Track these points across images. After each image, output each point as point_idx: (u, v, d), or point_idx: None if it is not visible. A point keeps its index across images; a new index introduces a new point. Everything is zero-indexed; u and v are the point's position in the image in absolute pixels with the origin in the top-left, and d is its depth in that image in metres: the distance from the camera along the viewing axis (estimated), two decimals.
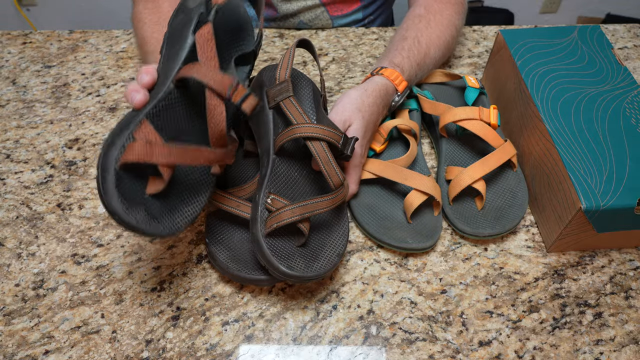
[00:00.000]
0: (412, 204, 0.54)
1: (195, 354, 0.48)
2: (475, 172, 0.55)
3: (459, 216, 0.56)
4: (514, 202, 0.57)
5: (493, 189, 0.58)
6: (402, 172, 0.56)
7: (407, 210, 0.55)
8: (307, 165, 0.53)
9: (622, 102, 0.56)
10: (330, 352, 0.48)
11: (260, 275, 0.50)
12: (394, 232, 0.54)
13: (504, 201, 0.57)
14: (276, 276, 0.47)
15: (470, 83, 0.65)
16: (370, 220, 0.56)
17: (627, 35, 0.80)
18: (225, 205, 0.52)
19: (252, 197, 0.53)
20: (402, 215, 0.56)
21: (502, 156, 0.56)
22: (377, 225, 0.55)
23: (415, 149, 0.59)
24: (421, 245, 0.53)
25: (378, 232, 0.55)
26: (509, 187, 0.58)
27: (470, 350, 0.48)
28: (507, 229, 0.54)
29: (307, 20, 0.82)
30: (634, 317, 0.50)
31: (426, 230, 0.55)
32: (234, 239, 0.53)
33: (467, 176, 0.55)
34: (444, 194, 0.58)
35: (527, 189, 0.58)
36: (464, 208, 0.57)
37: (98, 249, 0.56)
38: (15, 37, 0.82)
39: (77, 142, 0.66)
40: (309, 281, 0.47)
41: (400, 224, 0.55)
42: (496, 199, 0.57)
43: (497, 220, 0.55)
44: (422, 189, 0.54)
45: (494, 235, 0.54)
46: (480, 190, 0.55)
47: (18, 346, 0.49)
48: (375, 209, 0.57)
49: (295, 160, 0.53)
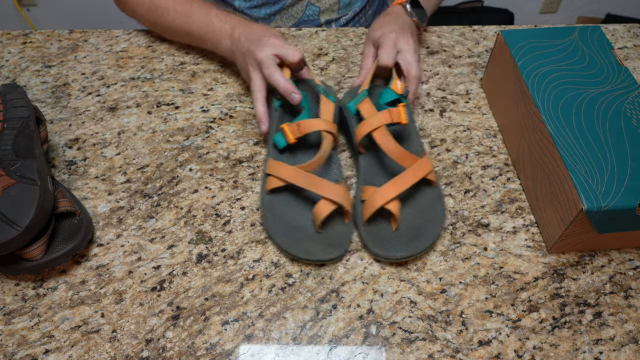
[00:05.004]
0: (321, 214, 0.53)
1: (195, 354, 0.48)
2: (387, 193, 0.53)
3: (373, 238, 0.54)
4: (430, 220, 0.55)
5: (410, 207, 0.56)
6: (311, 179, 0.53)
7: (316, 220, 0.53)
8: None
9: (623, 103, 0.56)
10: (330, 352, 0.48)
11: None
12: (303, 244, 0.53)
13: (420, 220, 0.55)
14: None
15: (394, 86, 0.61)
16: (282, 232, 0.54)
17: (627, 35, 0.80)
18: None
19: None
20: (312, 224, 0.55)
21: (416, 174, 0.54)
22: (288, 238, 0.54)
23: (326, 152, 0.56)
24: (329, 256, 0.52)
25: (289, 245, 0.53)
26: (426, 204, 0.56)
27: (470, 350, 0.48)
28: (421, 250, 0.53)
29: (315, 0, 0.85)
30: (633, 317, 0.50)
31: (336, 240, 0.54)
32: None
33: (379, 197, 0.53)
34: (359, 213, 0.56)
35: (444, 206, 0.56)
36: (378, 229, 0.54)
37: (98, 249, 0.56)
38: (15, 37, 0.82)
39: (77, 142, 0.66)
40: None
41: (310, 234, 0.54)
42: (413, 218, 0.55)
43: (412, 240, 0.53)
44: (331, 198, 0.53)
45: (407, 257, 0.53)
46: (393, 211, 0.53)
47: (18, 345, 0.49)
48: (287, 219, 0.55)
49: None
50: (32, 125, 0.56)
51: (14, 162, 0.52)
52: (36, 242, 0.50)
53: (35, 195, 0.49)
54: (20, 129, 0.55)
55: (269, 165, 0.57)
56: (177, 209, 0.59)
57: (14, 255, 0.50)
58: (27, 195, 0.49)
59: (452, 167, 0.63)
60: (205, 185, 0.61)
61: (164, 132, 0.67)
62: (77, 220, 0.54)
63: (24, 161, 0.52)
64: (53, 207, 0.52)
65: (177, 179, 0.62)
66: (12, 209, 0.48)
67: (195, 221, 0.58)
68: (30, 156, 0.53)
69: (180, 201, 0.60)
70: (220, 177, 0.62)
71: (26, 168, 0.51)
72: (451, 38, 0.80)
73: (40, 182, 0.50)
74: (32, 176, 0.51)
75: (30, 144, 0.54)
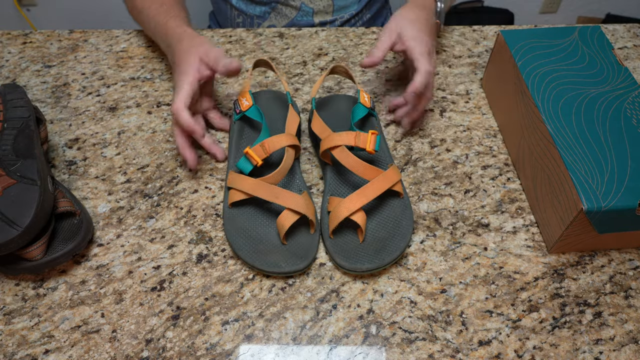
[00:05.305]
0: (284, 225, 0.52)
1: (195, 354, 0.48)
2: (352, 204, 0.52)
3: (339, 250, 0.53)
4: (397, 232, 0.54)
5: (377, 218, 0.55)
6: (273, 191, 0.53)
7: (280, 231, 0.52)
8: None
9: (623, 103, 0.56)
10: (330, 352, 0.48)
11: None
12: (267, 257, 0.52)
13: (387, 232, 0.54)
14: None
15: (362, 99, 0.60)
16: (244, 244, 0.53)
17: (627, 35, 0.80)
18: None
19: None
20: (277, 236, 0.54)
21: (382, 185, 0.53)
22: (251, 250, 0.53)
23: (288, 164, 0.55)
24: (294, 268, 0.51)
25: (251, 257, 0.52)
26: (393, 216, 0.55)
27: (470, 350, 0.48)
28: (387, 262, 0.52)
29: (308, 1, 0.84)
30: (633, 317, 0.50)
31: (301, 251, 0.53)
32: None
33: (344, 208, 0.52)
34: (326, 224, 0.55)
35: (412, 217, 0.55)
36: (344, 241, 0.54)
37: (98, 249, 0.56)
38: (15, 37, 0.82)
39: (77, 142, 0.66)
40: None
41: (275, 247, 0.53)
42: (379, 230, 0.54)
43: (378, 252, 0.52)
44: (294, 208, 0.52)
45: (373, 269, 0.52)
46: (359, 222, 0.52)
47: (18, 345, 0.49)
48: (249, 231, 0.54)
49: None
50: (32, 125, 0.56)
51: (14, 162, 0.52)
52: (36, 242, 0.50)
53: (35, 195, 0.49)
54: (20, 129, 0.55)
55: (230, 179, 0.56)
56: (177, 209, 0.59)
57: (14, 255, 0.50)
58: (27, 195, 0.49)
59: (452, 167, 0.63)
60: (205, 185, 0.61)
61: (164, 132, 0.67)
62: (77, 220, 0.54)
63: (24, 161, 0.52)
64: (53, 207, 0.52)
65: (177, 179, 0.62)
66: (12, 209, 0.48)
67: (195, 221, 0.58)
68: (30, 156, 0.53)
69: (180, 201, 0.60)
70: (220, 177, 0.62)
71: (26, 168, 0.51)
72: (451, 38, 0.80)
73: (40, 182, 0.50)
74: (32, 176, 0.51)
75: (30, 144, 0.54)
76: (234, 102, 0.64)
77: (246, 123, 0.64)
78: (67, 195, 0.56)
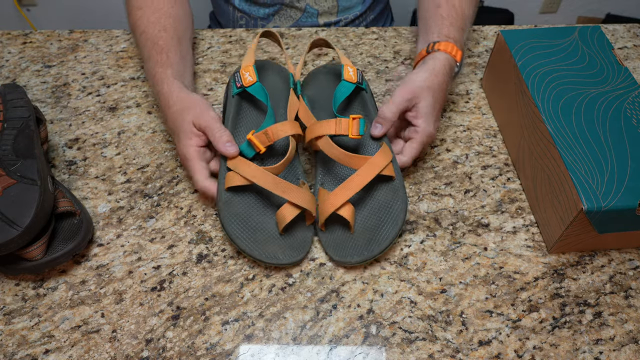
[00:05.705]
0: (285, 218, 0.52)
1: (195, 354, 0.48)
2: (336, 199, 0.51)
3: (331, 243, 0.53)
4: (388, 218, 0.52)
5: (367, 207, 0.54)
6: (279, 183, 0.51)
7: (280, 223, 0.52)
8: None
9: (623, 103, 0.56)
10: (330, 352, 0.48)
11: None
12: (264, 247, 0.52)
13: (377, 220, 0.53)
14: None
15: (347, 75, 0.56)
16: (241, 232, 0.52)
17: (627, 35, 0.80)
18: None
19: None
20: (275, 226, 0.54)
21: (367, 174, 0.51)
22: (248, 239, 0.52)
23: (292, 154, 0.54)
24: (291, 260, 0.52)
25: (248, 246, 0.52)
26: (384, 202, 0.54)
27: (470, 350, 0.48)
28: (376, 253, 0.51)
29: (313, 3, 0.84)
30: (633, 317, 0.50)
31: (297, 243, 0.53)
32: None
33: (329, 205, 0.52)
34: (318, 216, 0.54)
35: (405, 198, 0.53)
36: (336, 234, 0.53)
37: (98, 249, 0.56)
38: (15, 37, 0.82)
39: (77, 142, 0.66)
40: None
41: (272, 237, 0.53)
42: (369, 219, 0.53)
43: (368, 243, 0.51)
44: (299, 204, 0.51)
45: (363, 261, 0.51)
46: (346, 216, 0.51)
47: (18, 345, 0.49)
48: (247, 219, 0.53)
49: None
50: (32, 125, 0.56)
51: (14, 162, 0.52)
52: (36, 242, 0.50)
53: (35, 195, 0.49)
54: (20, 129, 0.55)
55: (234, 161, 0.54)
56: (177, 209, 0.59)
57: (14, 255, 0.50)
58: (27, 195, 0.49)
59: (452, 167, 0.63)
60: None
61: (164, 132, 0.67)
62: (77, 220, 0.54)
63: (24, 161, 0.52)
64: (53, 207, 0.52)
65: (177, 179, 0.62)
66: (12, 209, 0.48)
67: (196, 221, 0.58)
68: (30, 156, 0.53)
69: (180, 201, 0.60)
70: None
71: (26, 168, 0.51)
72: None
73: (40, 182, 0.50)
74: (32, 176, 0.51)
75: (30, 144, 0.54)
76: (234, 74, 0.60)
77: (245, 99, 0.62)
78: (67, 195, 0.56)
